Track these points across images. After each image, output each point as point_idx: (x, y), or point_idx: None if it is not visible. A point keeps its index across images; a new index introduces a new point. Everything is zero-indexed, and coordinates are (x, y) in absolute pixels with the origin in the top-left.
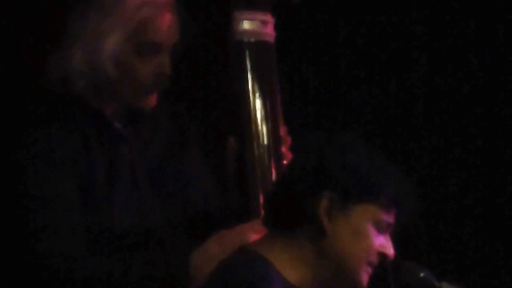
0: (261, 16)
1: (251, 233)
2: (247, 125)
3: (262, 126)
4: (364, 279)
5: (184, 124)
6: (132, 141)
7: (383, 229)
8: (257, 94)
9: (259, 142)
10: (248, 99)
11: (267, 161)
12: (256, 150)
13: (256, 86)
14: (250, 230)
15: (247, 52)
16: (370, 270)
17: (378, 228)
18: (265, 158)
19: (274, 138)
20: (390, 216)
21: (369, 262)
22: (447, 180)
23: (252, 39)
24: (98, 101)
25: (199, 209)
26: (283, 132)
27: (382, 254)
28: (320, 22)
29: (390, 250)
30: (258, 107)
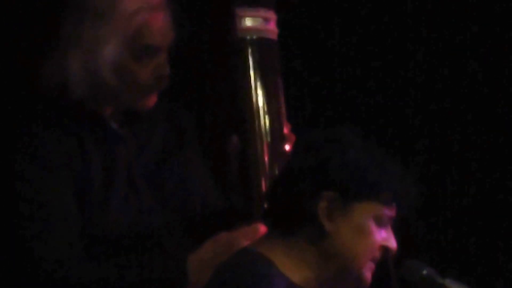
0: (263, 13)
1: (247, 238)
2: (250, 123)
3: (265, 124)
4: (368, 276)
5: (181, 124)
6: (129, 141)
7: (384, 223)
8: (260, 92)
9: (262, 140)
10: (251, 97)
11: (270, 159)
12: (259, 148)
13: (259, 83)
14: (246, 235)
15: (250, 49)
16: (372, 266)
17: (379, 223)
18: (268, 156)
19: (278, 136)
20: (391, 209)
21: (373, 258)
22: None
23: (254, 36)
24: (96, 103)
25: (198, 209)
26: (287, 130)
27: (384, 247)
28: (323, 19)
29: (392, 242)
30: (261, 105)
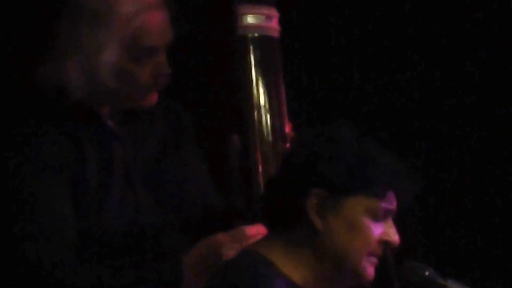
0: (265, 10)
1: (234, 240)
2: (251, 121)
3: (266, 122)
4: (368, 271)
5: (180, 122)
6: (126, 140)
7: (381, 217)
8: (261, 90)
9: (263, 138)
10: (251, 95)
11: (271, 158)
12: (260, 146)
13: (260, 82)
14: (233, 238)
15: (251, 47)
16: (374, 260)
17: (375, 217)
18: (269, 154)
19: (279, 134)
20: (387, 202)
21: (370, 253)
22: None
23: (256, 34)
24: (93, 103)
25: (196, 208)
26: (288, 128)
27: (384, 242)
28: (325, 16)
29: (392, 236)
30: (262, 103)
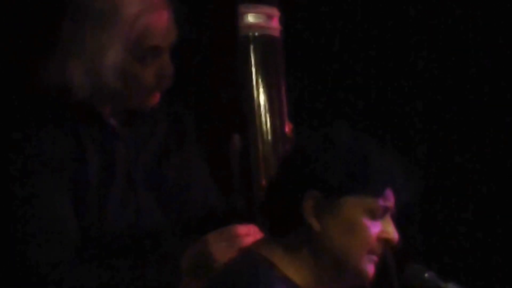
0: (267, 9)
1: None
2: (252, 122)
3: (267, 123)
4: (368, 269)
5: (182, 123)
6: (128, 140)
7: (380, 215)
8: (262, 90)
9: (264, 138)
10: (252, 95)
11: (272, 158)
12: (260, 147)
13: (261, 82)
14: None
15: (252, 46)
16: (374, 258)
17: (373, 215)
18: (269, 155)
19: (280, 135)
20: (385, 200)
21: (370, 251)
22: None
23: (257, 34)
24: (96, 103)
25: (198, 209)
26: (289, 129)
27: (384, 240)
28: (327, 16)
29: (391, 234)
30: (263, 104)
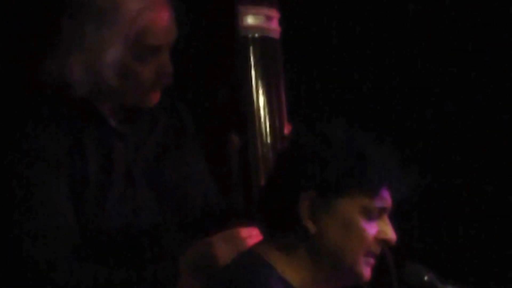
0: (266, 11)
1: (225, 242)
2: (251, 122)
3: (266, 124)
4: (365, 271)
5: (182, 121)
6: (128, 138)
7: (376, 215)
8: (261, 91)
9: (263, 139)
10: (251, 96)
11: (271, 159)
12: (259, 148)
13: (260, 82)
14: (225, 239)
15: (251, 47)
16: (371, 260)
17: (369, 215)
18: (268, 156)
19: (279, 135)
20: (381, 199)
21: (367, 253)
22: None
23: (256, 35)
24: (96, 100)
25: (197, 207)
26: (288, 130)
27: (381, 241)
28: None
29: (389, 234)
30: (262, 104)
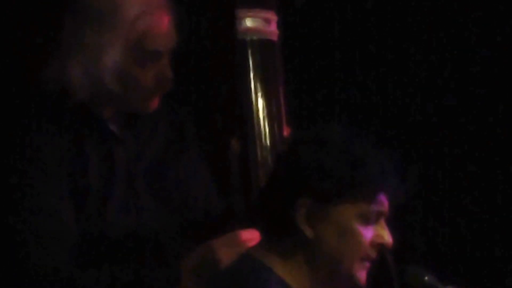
0: (264, 14)
1: (227, 245)
2: (250, 125)
3: (265, 127)
4: (360, 275)
5: (183, 125)
6: (128, 143)
7: (373, 219)
8: (259, 94)
9: (262, 143)
10: (250, 99)
11: (270, 162)
12: (259, 151)
13: (258, 85)
14: (226, 243)
15: (250, 50)
16: (367, 264)
17: (366, 220)
18: (268, 159)
19: (278, 139)
20: (378, 204)
21: (363, 257)
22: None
23: (254, 38)
24: (96, 106)
25: (198, 212)
26: (287, 132)
27: (378, 245)
28: (324, 20)
29: (385, 238)
30: (261, 107)
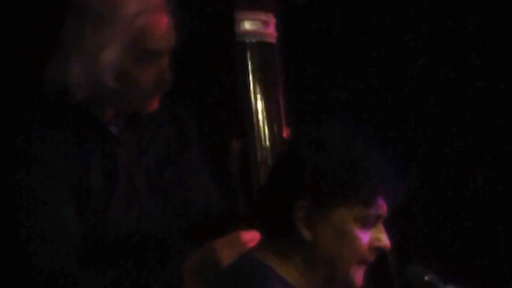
0: (263, 16)
1: (229, 246)
2: (250, 127)
3: (265, 128)
4: (357, 278)
5: (184, 126)
6: (129, 145)
7: (371, 222)
8: (259, 96)
9: (262, 144)
10: (250, 101)
11: (270, 163)
12: (259, 152)
13: (258, 87)
14: (228, 243)
15: (249, 53)
16: (363, 267)
17: (365, 223)
18: (268, 160)
19: (277, 140)
20: (377, 208)
21: (360, 261)
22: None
23: (253, 40)
24: (97, 107)
25: (200, 213)
26: (286, 134)
27: (376, 248)
28: (323, 22)
29: (383, 241)
30: (261, 109)
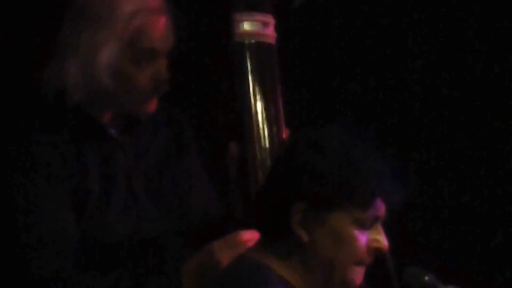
0: (261, 17)
1: (227, 247)
2: (248, 128)
3: (264, 129)
4: (355, 279)
5: (182, 130)
6: (128, 148)
7: (369, 224)
8: (258, 97)
9: (261, 145)
10: (249, 102)
11: (269, 164)
12: (258, 154)
13: (257, 88)
14: (226, 244)
15: (248, 54)
16: (361, 270)
17: (363, 225)
18: (267, 161)
19: (276, 141)
20: (375, 209)
21: (358, 262)
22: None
23: (252, 41)
24: (95, 109)
25: (199, 216)
26: (285, 135)
27: (374, 250)
28: (322, 23)
29: (381, 243)
30: (259, 110)
